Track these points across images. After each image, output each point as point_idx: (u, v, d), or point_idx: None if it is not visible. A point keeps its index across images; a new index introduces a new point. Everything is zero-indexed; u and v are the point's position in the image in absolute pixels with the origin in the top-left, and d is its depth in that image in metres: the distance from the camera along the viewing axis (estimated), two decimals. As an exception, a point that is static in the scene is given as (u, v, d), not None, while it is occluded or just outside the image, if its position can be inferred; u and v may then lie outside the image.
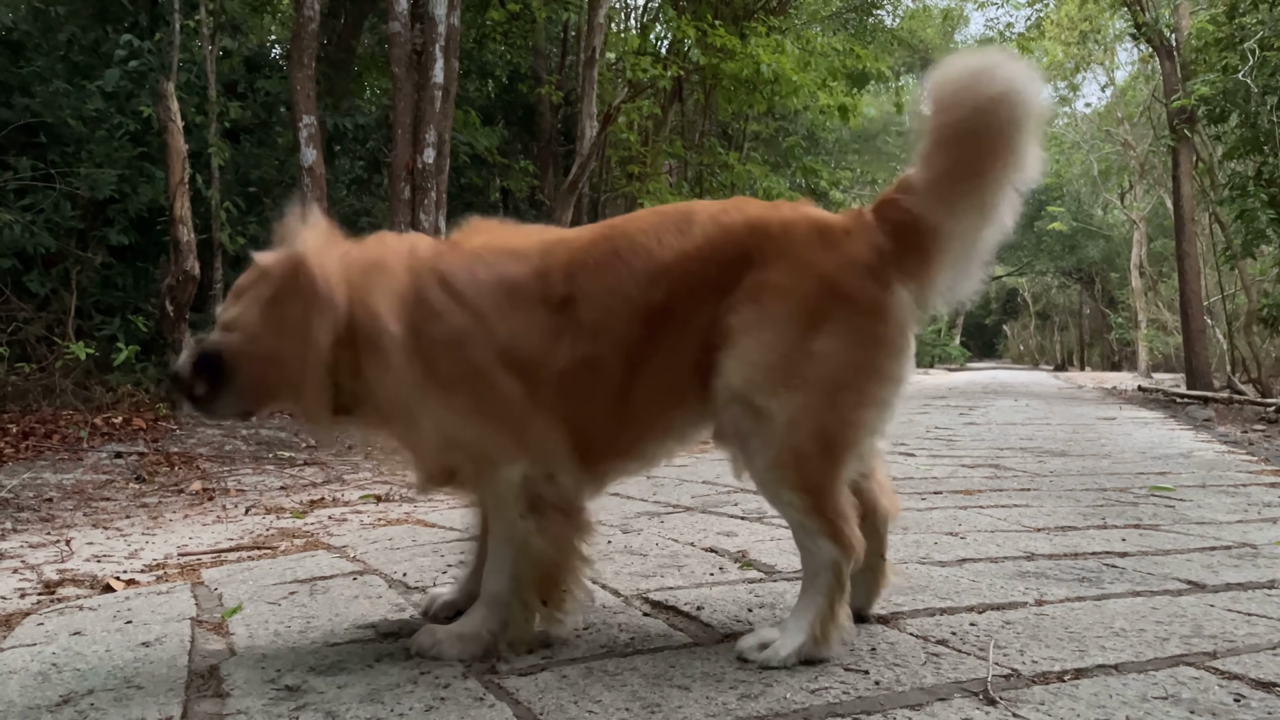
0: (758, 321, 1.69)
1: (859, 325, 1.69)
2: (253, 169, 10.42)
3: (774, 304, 1.69)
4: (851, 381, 1.68)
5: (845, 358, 1.68)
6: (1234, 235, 13.55)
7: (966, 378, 26.93)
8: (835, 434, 1.68)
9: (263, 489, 4.62)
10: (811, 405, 1.66)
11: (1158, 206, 28.77)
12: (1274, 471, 4.97)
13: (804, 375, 1.66)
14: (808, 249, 1.73)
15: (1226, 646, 1.83)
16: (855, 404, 1.69)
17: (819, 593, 1.69)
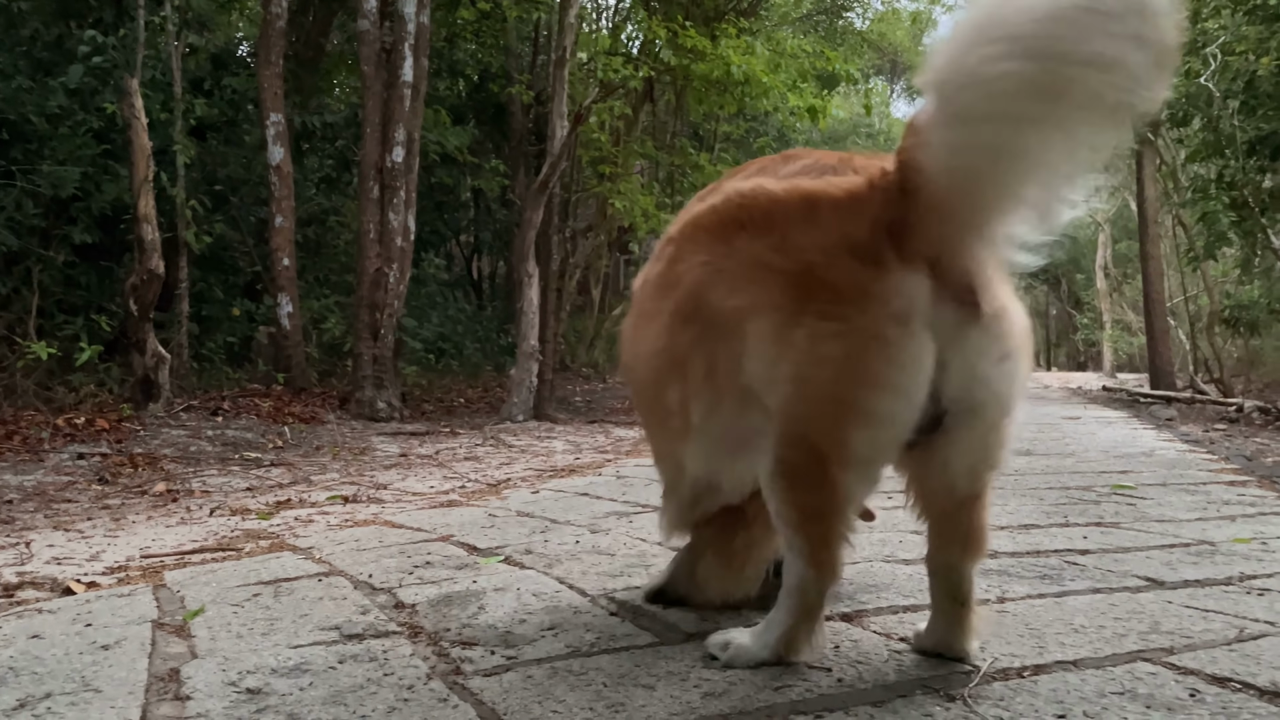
0: (753, 307, 1.50)
1: (840, 318, 1.42)
2: (219, 167, 10.33)
3: (760, 288, 1.50)
4: (832, 388, 1.43)
5: (823, 357, 1.42)
6: (1196, 237, 13.77)
7: (935, 378, 27.08)
8: (823, 448, 1.46)
9: (228, 490, 4.58)
10: (797, 410, 1.47)
11: (1122, 209, 29.15)
12: (1234, 470, 5.06)
13: (790, 375, 1.46)
14: (789, 225, 1.51)
15: (1183, 642, 1.86)
16: (838, 415, 1.43)
17: (787, 612, 1.61)
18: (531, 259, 8.95)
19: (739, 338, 1.51)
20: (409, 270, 8.63)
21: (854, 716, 1.46)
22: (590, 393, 13.46)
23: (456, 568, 2.55)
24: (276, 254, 8.66)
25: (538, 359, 8.79)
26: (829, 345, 1.41)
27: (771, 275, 1.48)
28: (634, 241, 13.95)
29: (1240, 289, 15.34)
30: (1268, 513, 3.54)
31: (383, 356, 8.11)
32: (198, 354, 9.24)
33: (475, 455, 6.10)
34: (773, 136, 17.26)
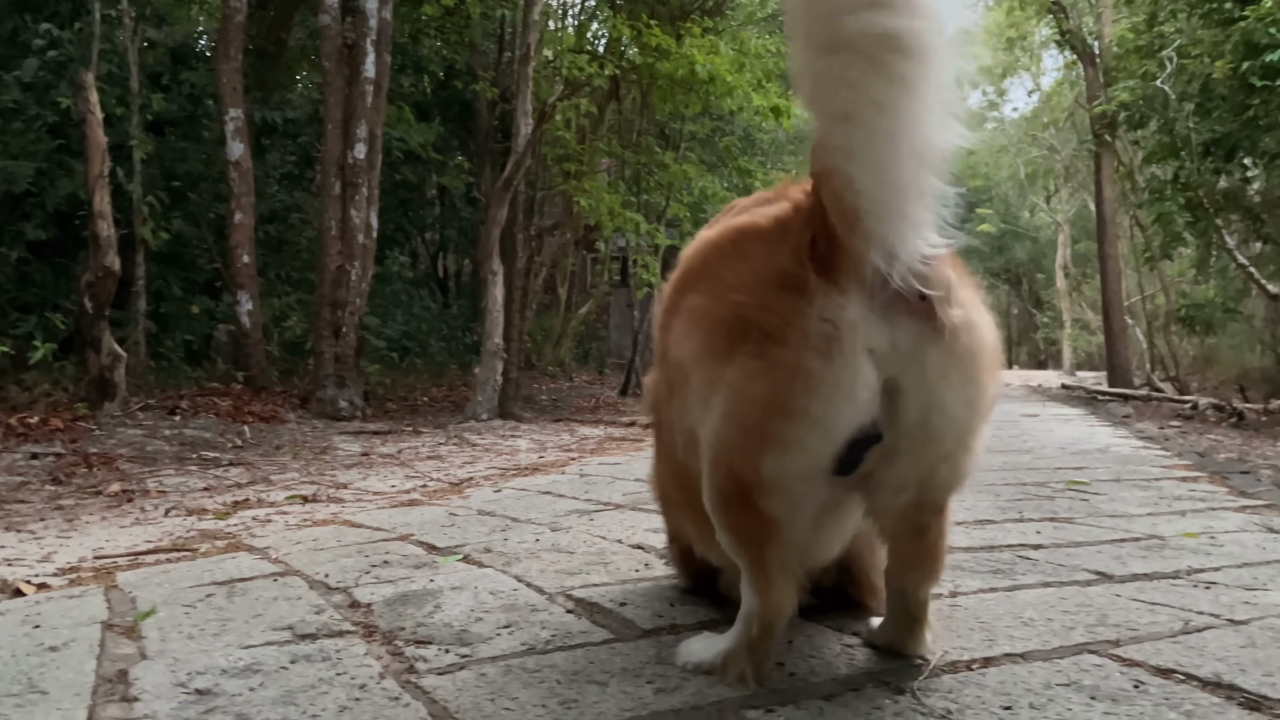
0: (695, 355, 1.50)
1: (765, 355, 1.37)
2: (178, 163, 10.19)
3: (699, 336, 1.49)
4: (750, 419, 1.39)
5: (748, 391, 1.39)
6: (1153, 238, 13.99)
7: (899, 376, 27.33)
8: (744, 476, 1.42)
9: (185, 490, 4.53)
10: (722, 439, 1.44)
11: (1082, 209, 29.59)
12: (1186, 466, 5.15)
13: (718, 409, 1.43)
14: (723, 266, 1.50)
15: (1129, 634, 1.89)
16: (753, 443, 1.39)
17: (733, 635, 1.57)
18: (496, 257, 8.92)
19: (687, 388, 1.52)
20: (371, 268, 8.56)
21: (804, 710, 1.47)
22: (556, 391, 13.44)
23: (414, 567, 2.54)
24: (236, 251, 8.56)
25: (502, 357, 8.76)
26: (755, 382, 1.37)
27: (709, 322, 1.46)
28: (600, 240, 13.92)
29: (1196, 289, 15.62)
30: (1217, 508, 3.61)
31: (345, 355, 8.04)
32: (155, 352, 9.11)
33: (438, 454, 6.07)
34: (738, 136, 17.32)
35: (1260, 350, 15.28)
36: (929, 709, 1.47)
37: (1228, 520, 3.30)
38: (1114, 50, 14.79)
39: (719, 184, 14.15)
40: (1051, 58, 29.54)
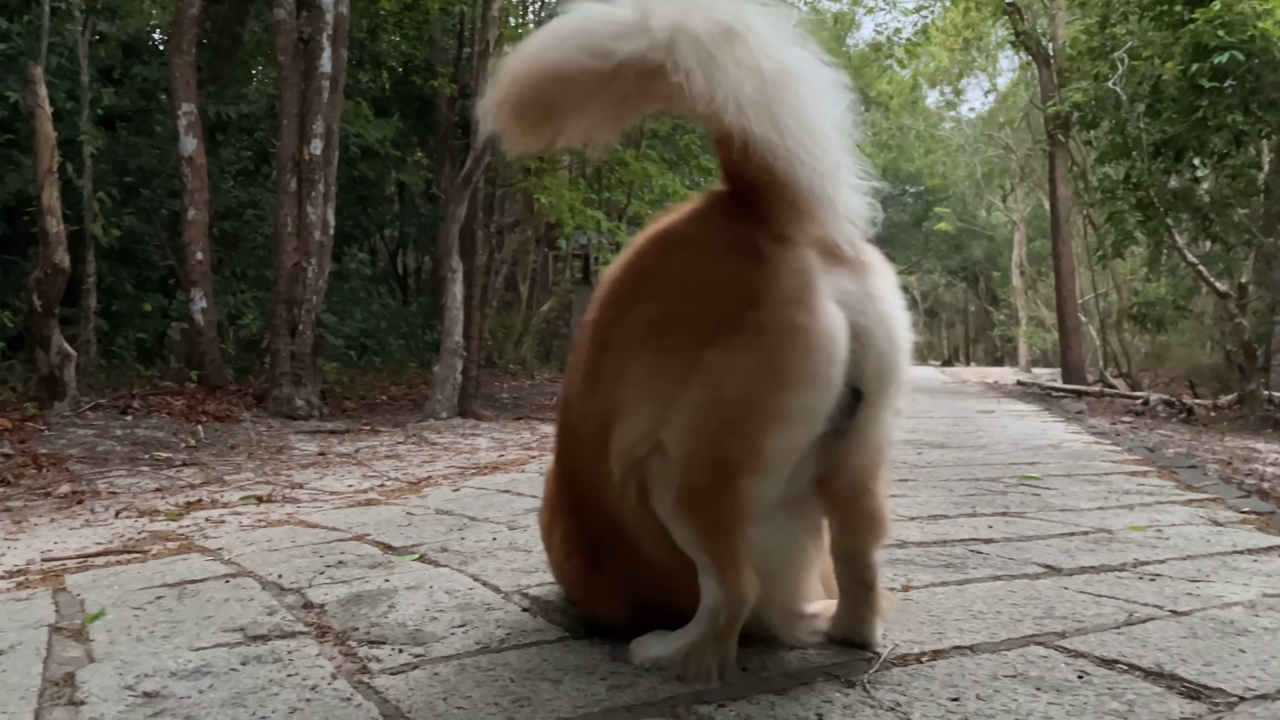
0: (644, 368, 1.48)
1: (745, 327, 1.35)
2: (130, 158, 10.02)
3: (652, 335, 1.47)
4: (747, 397, 1.36)
5: (736, 368, 1.36)
6: (1105, 236, 14.22)
7: (858, 373, 27.55)
8: (735, 459, 1.39)
9: (136, 491, 4.45)
10: (707, 431, 1.40)
11: (1037, 208, 30.01)
12: (1136, 461, 5.25)
13: (697, 399, 1.38)
14: (658, 265, 1.51)
15: (1075, 626, 1.93)
16: (754, 422, 1.37)
17: (698, 628, 1.56)
18: (455, 254, 8.86)
19: (640, 409, 1.44)
20: (329, 265, 8.47)
21: (756, 704, 1.48)
22: (517, 389, 13.39)
23: (369, 567, 2.52)
24: (189, 248, 8.42)
25: (462, 355, 8.71)
26: (742, 357, 1.35)
27: (670, 320, 1.42)
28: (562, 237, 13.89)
29: (1147, 286, 15.89)
30: (1164, 501, 3.68)
31: (301, 353, 7.95)
32: (106, 351, 8.95)
33: (396, 453, 6.02)
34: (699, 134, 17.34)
35: (1210, 347, 15.59)
36: (878, 701, 1.49)
37: (1174, 514, 3.38)
38: (1067, 52, 15.01)
39: (679, 182, 14.17)
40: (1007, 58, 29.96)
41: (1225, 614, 2.03)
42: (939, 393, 14.54)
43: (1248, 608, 2.09)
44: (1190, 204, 10.84)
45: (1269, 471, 5.10)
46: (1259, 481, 4.62)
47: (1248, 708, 1.49)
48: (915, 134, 36.06)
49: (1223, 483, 4.36)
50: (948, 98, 34.23)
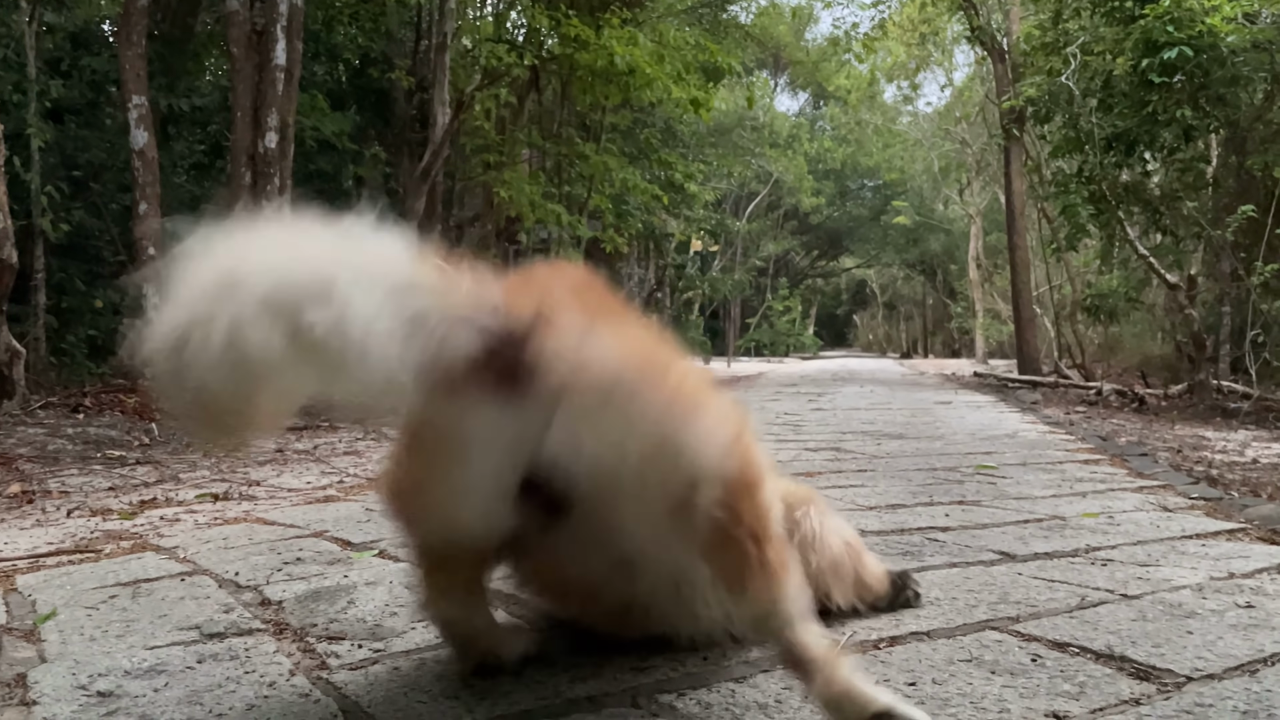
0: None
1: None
2: (79, 152, 9.81)
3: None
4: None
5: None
6: (1059, 229, 14.44)
7: (818, 366, 27.83)
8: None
9: (89, 490, 4.37)
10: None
11: (993, 202, 30.36)
12: (1089, 449, 5.35)
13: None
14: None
15: (1029, 611, 1.96)
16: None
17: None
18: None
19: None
20: (285, 260, 8.37)
21: (716, 693, 1.50)
22: (477, 384, 13.33)
23: (328, 563, 2.50)
24: (141, 243, 8.26)
25: (421, 350, 8.65)
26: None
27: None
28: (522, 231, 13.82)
29: (1100, 279, 16.15)
30: (1116, 489, 3.76)
31: (258, 349, 7.85)
32: (57, 348, 8.77)
33: (355, 449, 5.97)
34: (659, 128, 17.36)
35: (1161, 338, 15.90)
36: (837, 688, 1.50)
37: (1125, 500, 3.44)
38: (1021, 46, 15.20)
39: (640, 176, 14.18)
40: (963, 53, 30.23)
41: (1174, 597, 2.08)
42: (897, 385, 14.69)
43: (1196, 591, 2.13)
44: (1141, 197, 11.03)
45: (1218, 459, 5.21)
46: (1208, 469, 4.73)
47: (1195, 687, 1.53)
48: (873, 128, 36.35)
49: (1173, 470, 4.46)
50: (905, 92, 34.54)
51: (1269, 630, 1.83)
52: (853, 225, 46.26)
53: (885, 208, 41.29)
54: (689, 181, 17.09)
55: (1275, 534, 2.80)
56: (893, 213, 39.47)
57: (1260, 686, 1.53)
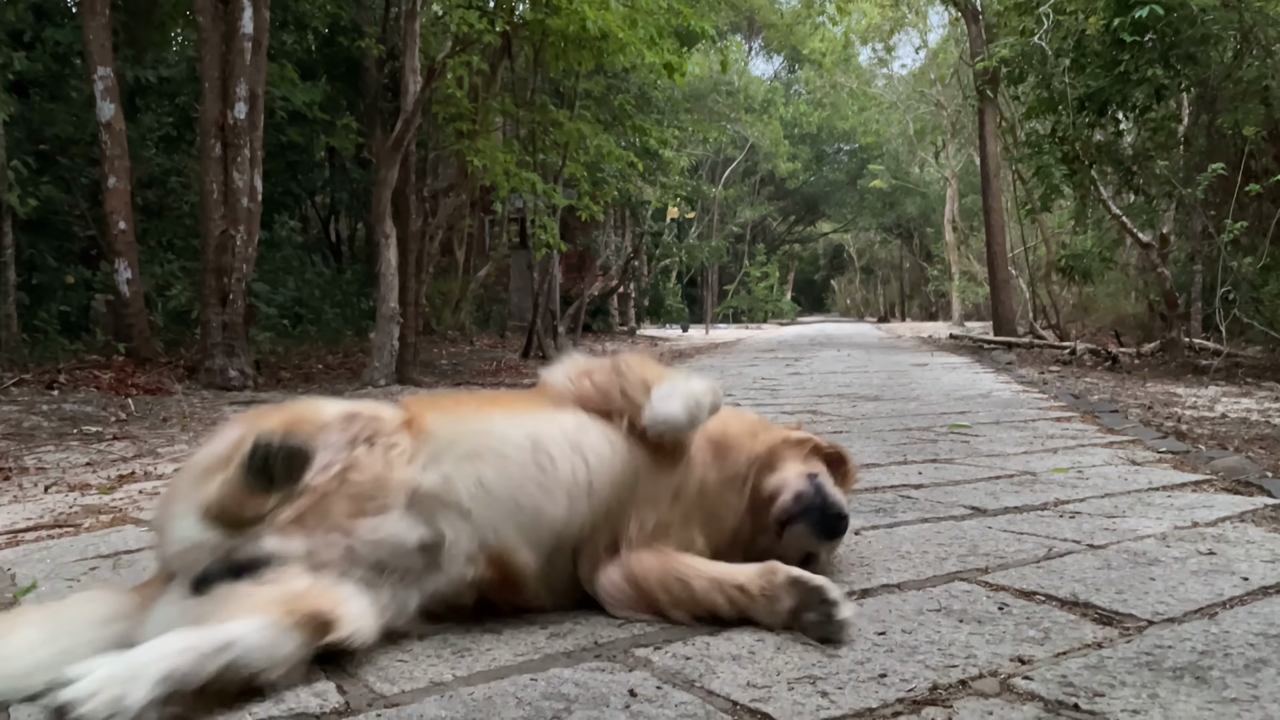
0: None
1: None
2: (46, 125, 9.67)
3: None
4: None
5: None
6: (1033, 190, 14.48)
7: (796, 331, 27.93)
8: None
9: (66, 466, 4.36)
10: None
11: (968, 164, 30.40)
12: (1061, 407, 5.42)
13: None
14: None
15: (997, 563, 2.01)
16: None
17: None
18: (388, 219, 8.74)
19: None
20: (257, 232, 8.29)
21: (692, 645, 1.53)
22: (457, 355, 13.31)
23: (308, 531, 2.51)
24: (112, 217, 8.18)
25: (399, 322, 8.62)
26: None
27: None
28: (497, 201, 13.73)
29: (1074, 239, 16.24)
30: (1087, 444, 3.82)
31: (233, 323, 7.80)
32: (29, 325, 8.69)
33: (334, 420, 5.97)
34: (633, 94, 17.22)
35: (1134, 297, 16.03)
36: (808, 640, 1.54)
37: (1095, 455, 3.51)
38: (995, 7, 15.17)
39: (614, 142, 14.09)
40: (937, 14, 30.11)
41: (1138, 546, 2.13)
42: (874, 348, 14.78)
43: (1159, 540, 2.19)
44: (1114, 157, 11.08)
45: (1187, 414, 5.30)
46: (1177, 424, 4.80)
47: (1156, 630, 1.58)
48: (848, 92, 36.23)
49: (1142, 426, 4.53)
50: (879, 55, 34.43)
51: (1229, 575, 1.88)
52: (829, 190, 46.22)
53: (861, 172, 41.28)
54: (664, 148, 17.00)
55: (1239, 484, 2.87)
56: (869, 177, 39.47)
57: (1218, 628, 1.58)
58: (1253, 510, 2.50)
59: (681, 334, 25.05)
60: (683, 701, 1.33)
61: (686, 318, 29.02)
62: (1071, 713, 1.26)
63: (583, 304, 15.45)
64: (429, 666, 1.48)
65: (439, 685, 1.41)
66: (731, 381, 8.12)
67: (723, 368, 10.62)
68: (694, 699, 1.34)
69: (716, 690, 1.37)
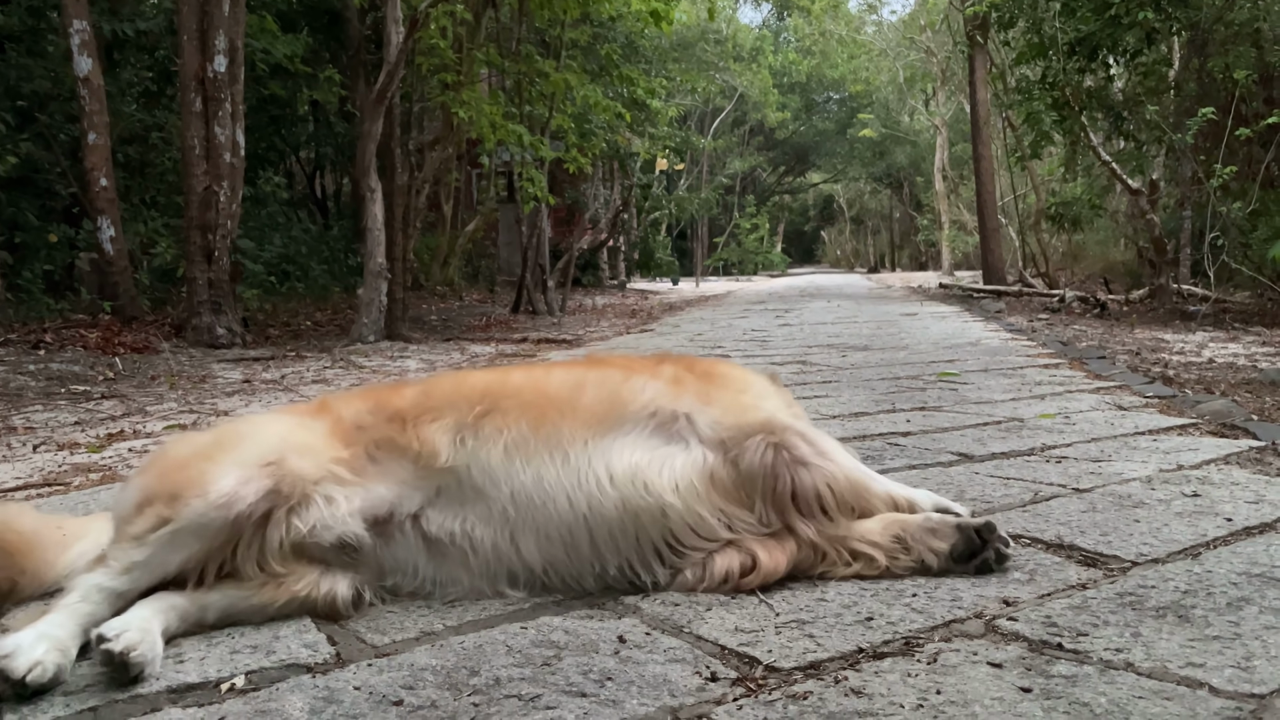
0: None
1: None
2: (23, 81, 9.49)
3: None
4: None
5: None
6: (1023, 137, 14.41)
7: (786, 283, 27.90)
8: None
9: (54, 425, 4.35)
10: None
11: (959, 111, 30.18)
12: (1049, 354, 5.44)
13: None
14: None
15: (984, 507, 2.02)
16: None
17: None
18: (373, 173, 8.66)
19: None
20: (241, 188, 8.20)
21: (681, 593, 1.54)
22: (446, 311, 13.26)
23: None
24: (93, 174, 8.07)
25: (386, 277, 8.58)
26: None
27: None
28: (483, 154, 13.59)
29: (1064, 187, 16.19)
30: (1074, 390, 3.84)
31: (219, 280, 7.74)
32: (13, 284, 8.62)
33: (324, 378, 5.96)
34: (620, 43, 16.99)
35: (1123, 244, 16.03)
36: (793, 587, 1.55)
37: (1082, 401, 3.52)
38: (985, -49, 14.93)
39: (601, 93, 13.93)
40: (928, -41, 29.69)
41: (1123, 489, 2.15)
42: (864, 299, 14.78)
43: (1144, 483, 2.21)
44: (1104, 102, 11.01)
45: (1174, 360, 5.33)
46: (1164, 369, 4.83)
47: (1139, 571, 1.59)
48: (837, 39, 35.82)
49: (1130, 371, 4.55)
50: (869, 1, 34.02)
51: (1212, 516, 1.90)
52: (819, 139, 45.89)
53: (851, 121, 40.96)
54: (651, 98, 16.82)
55: (1225, 428, 2.89)
56: (859, 126, 39.17)
57: (1201, 568, 1.59)
58: (1237, 453, 2.52)
59: (672, 287, 25.00)
60: (671, 647, 1.34)
61: (677, 271, 28.92)
62: (1055, 652, 1.27)
63: (572, 258, 15.36)
64: (419, 618, 1.49)
65: (430, 635, 1.43)
66: (722, 334, 8.12)
67: (713, 320, 10.62)
68: (682, 644, 1.35)
69: (705, 635, 1.38)
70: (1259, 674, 1.18)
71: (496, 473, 1.57)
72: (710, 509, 1.57)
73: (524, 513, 1.55)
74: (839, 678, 1.22)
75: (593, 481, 1.56)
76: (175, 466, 1.56)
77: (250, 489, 1.48)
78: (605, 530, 1.54)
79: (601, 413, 1.64)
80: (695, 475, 1.59)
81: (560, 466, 1.57)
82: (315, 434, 1.64)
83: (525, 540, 1.55)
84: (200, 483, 1.48)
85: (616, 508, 1.54)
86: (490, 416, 1.63)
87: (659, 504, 1.55)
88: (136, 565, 1.45)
